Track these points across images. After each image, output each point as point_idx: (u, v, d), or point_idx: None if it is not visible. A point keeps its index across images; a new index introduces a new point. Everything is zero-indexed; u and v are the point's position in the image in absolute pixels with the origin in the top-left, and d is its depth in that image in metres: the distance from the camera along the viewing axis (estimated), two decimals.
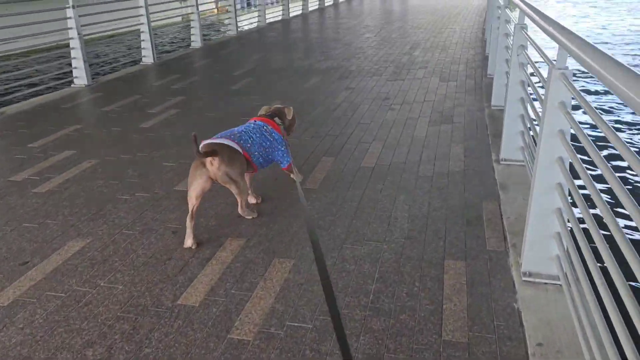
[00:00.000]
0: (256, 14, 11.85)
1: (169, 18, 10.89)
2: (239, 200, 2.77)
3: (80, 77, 6.22)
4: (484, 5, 14.32)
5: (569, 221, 2.01)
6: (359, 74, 6.55)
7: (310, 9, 14.59)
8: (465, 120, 4.55)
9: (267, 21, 11.93)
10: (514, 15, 4.22)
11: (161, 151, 3.97)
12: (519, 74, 3.38)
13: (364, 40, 9.26)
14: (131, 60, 8.38)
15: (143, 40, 7.55)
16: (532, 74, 3.31)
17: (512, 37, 4.19)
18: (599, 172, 1.64)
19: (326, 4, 15.62)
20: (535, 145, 2.92)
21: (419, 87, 5.77)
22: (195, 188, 2.55)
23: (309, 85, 6.01)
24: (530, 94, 3.26)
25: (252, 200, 3.04)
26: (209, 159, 2.52)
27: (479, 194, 3.09)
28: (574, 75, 2.07)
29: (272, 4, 17.60)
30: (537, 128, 2.35)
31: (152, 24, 7.59)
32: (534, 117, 3.08)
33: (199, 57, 8.26)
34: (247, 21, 13.13)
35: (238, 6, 24.75)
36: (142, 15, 7.47)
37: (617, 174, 1.40)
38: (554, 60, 2.07)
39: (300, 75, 6.55)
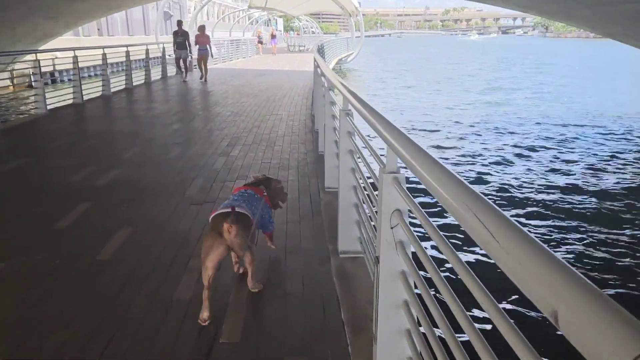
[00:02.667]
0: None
1: None
2: (250, 270, 2.77)
3: None
4: (309, 86, 13.64)
5: None
6: (152, 194, 4.64)
7: (115, 88, 12.41)
8: (304, 288, 2.90)
9: (51, 106, 9.47)
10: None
11: None
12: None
13: (171, 134, 7.43)
14: None
15: None
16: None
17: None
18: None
19: (135, 83, 13.57)
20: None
21: None
22: (213, 258, 2.49)
23: (65, 224, 3.89)
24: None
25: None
26: (226, 227, 2.48)
27: None
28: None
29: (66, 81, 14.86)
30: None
31: None
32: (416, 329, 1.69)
33: None
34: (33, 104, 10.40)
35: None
36: None
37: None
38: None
39: (61, 202, 4.39)
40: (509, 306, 5.33)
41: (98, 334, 2.46)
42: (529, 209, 8.91)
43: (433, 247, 4.71)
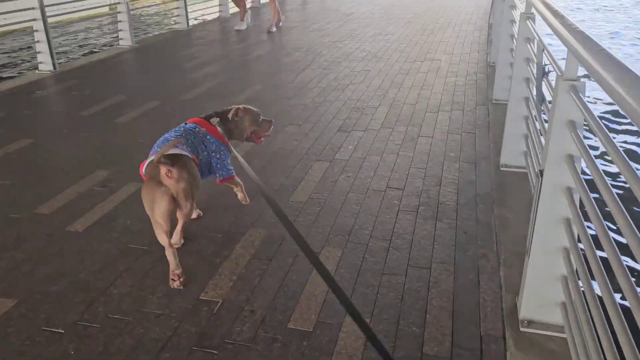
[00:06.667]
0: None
1: None
2: (182, 222, 2.30)
3: None
4: (485, 9, 9.97)
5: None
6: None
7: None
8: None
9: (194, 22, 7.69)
10: None
11: None
12: None
13: (270, 94, 4.94)
14: None
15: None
16: None
17: None
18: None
19: None
20: None
21: None
22: (160, 213, 2.09)
23: None
24: None
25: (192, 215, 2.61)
26: (163, 171, 2.07)
27: None
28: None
29: None
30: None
31: None
32: None
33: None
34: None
35: None
36: None
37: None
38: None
39: None
40: None
41: None
42: None
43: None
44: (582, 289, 1.65)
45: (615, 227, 2.68)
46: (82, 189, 3.09)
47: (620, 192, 4.09)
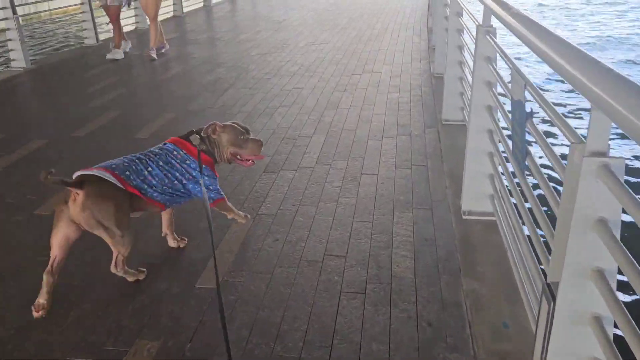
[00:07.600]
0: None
1: None
2: (114, 252, 2.05)
3: None
4: (422, 10, 9.52)
5: None
6: None
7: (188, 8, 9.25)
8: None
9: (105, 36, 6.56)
10: None
11: None
12: None
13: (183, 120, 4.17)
14: None
15: None
16: None
17: None
18: None
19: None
20: None
21: None
22: (57, 234, 1.95)
23: None
24: None
25: (172, 243, 2.40)
26: (72, 194, 1.91)
27: None
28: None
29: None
30: None
31: None
32: None
33: None
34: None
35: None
36: None
37: None
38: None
39: None
40: None
41: None
42: None
43: None
44: None
45: None
46: None
47: None
